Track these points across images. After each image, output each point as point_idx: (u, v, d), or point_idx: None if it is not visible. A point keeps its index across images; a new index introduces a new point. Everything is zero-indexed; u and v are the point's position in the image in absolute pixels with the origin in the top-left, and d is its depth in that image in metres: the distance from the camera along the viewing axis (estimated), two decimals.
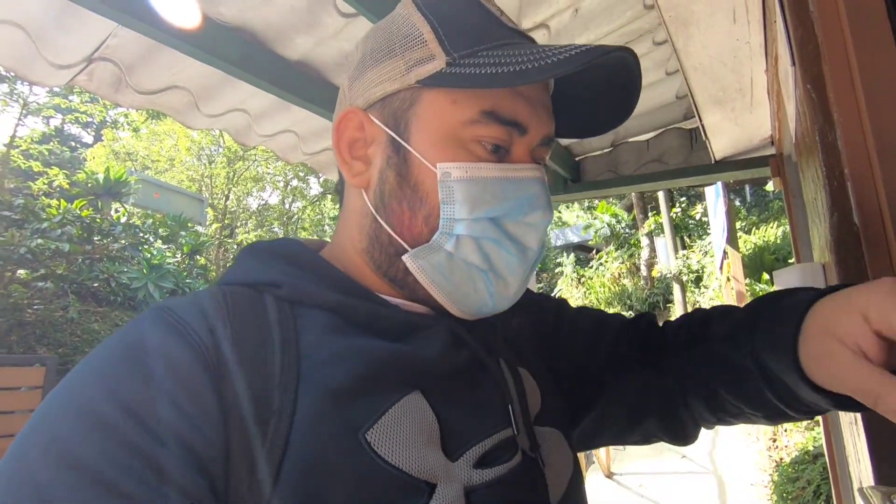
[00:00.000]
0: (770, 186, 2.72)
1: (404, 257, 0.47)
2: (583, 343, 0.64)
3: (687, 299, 9.99)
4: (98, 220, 9.62)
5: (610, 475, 4.75)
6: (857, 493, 0.40)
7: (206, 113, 1.67)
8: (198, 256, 12.88)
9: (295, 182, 20.73)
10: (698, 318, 0.62)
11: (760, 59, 1.54)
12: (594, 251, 13.42)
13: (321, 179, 19.34)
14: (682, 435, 0.62)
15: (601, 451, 4.73)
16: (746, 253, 8.51)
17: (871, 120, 0.61)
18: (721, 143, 2.34)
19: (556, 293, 12.87)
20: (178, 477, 0.33)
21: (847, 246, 0.67)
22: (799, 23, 0.76)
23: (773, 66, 1.46)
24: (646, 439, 0.65)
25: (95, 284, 9.10)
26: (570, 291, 12.62)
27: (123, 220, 10.39)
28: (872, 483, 0.62)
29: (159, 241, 11.51)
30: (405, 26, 0.47)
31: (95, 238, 9.47)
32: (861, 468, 0.80)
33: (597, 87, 0.51)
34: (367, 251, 0.50)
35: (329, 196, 21.14)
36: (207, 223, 17.41)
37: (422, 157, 0.45)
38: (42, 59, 1.27)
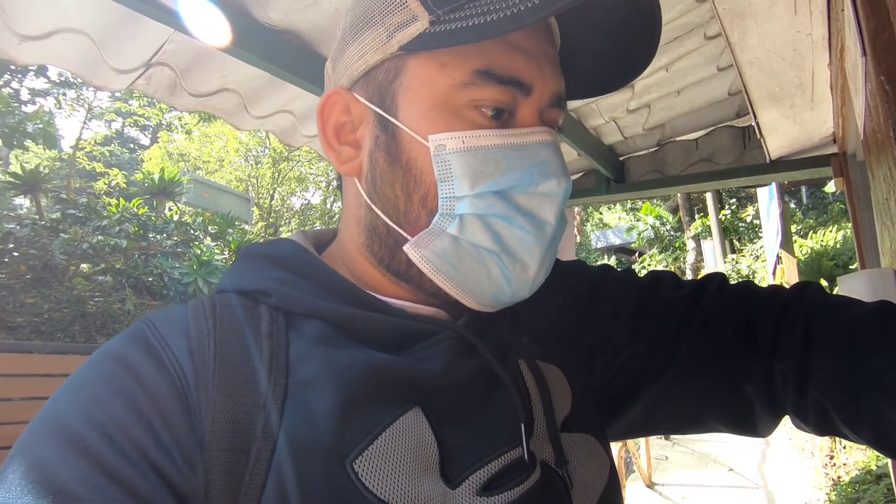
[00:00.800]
0: (830, 187, 2.57)
1: (405, 248, 0.41)
2: (628, 315, 0.54)
3: None
4: (153, 218, 10.15)
5: (651, 485, 4.60)
6: None
7: (254, 114, 1.73)
8: None
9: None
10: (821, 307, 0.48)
11: (823, 53, 1.45)
12: (637, 254, 13.05)
13: None
14: (754, 426, 0.51)
15: (642, 460, 4.59)
16: (802, 258, 8.06)
17: None
18: (777, 142, 2.21)
19: None
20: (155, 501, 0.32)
21: None
22: (871, 11, 0.71)
23: (837, 59, 1.37)
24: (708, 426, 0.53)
25: (150, 279, 9.59)
26: None
27: (176, 218, 10.91)
28: None
29: (209, 239, 12.01)
30: None
31: (150, 235, 9.99)
32: None
33: (609, 30, 0.44)
34: (366, 245, 0.45)
35: None
36: (253, 222, 18.04)
37: (411, 132, 0.40)
38: (105, 65, 1.34)
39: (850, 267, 7.41)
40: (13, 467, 0.32)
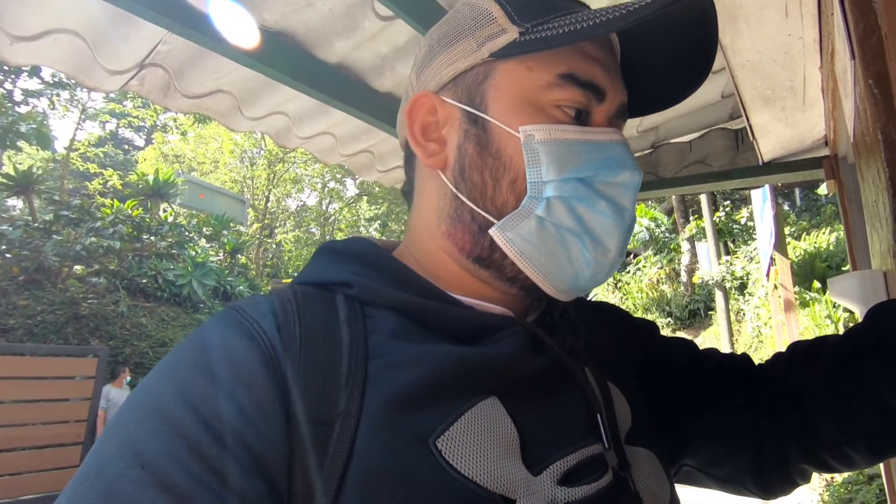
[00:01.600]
0: (823, 189, 2.59)
1: (491, 231, 0.44)
2: (674, 373, 0.59)
3: (730, 307, 9.60)
4: (147, 219, 10.09)
5: None
6: None
7: (249, 116, 1.72)
8: (239, 255, 13.31)
9: (332, 184, 21.16)
10: (800, 353, 0.57)
11: (815, 55, 1.46)
12: (631, 255, 13.09)
13: (357, 181, 19.67)
14: (768, 480, 0.55)
15: None
16: (796, 259, 8.12)
17: None
18: (770, 144, 2.23)
19: (591, 298, 12.62)
20: (239, 481, 0.33)
21: None
22: (860, 15, 0.72)
23: (828, 62, 1.38)
24: (727, 482, 0.58)
25: (144, 280, 9.54)
26: (606, 297, 12.35)
27: (170, 219, 10.87)
28: None
29: (203, 240, 11.97)
30: (472, 10, 0.47)
31: (144, 236, 9.93)
32: None
33: (668, 49, 0.48)
34: (448, 234, 0.48)
35: (365, 198, 21.49)
36: (248, 223, 17.98)
37: (502, 124, 0.44)
38: (98, 66, 1.33)
39: (843, 268, 7.47)
40: (110, 439, 0.35)
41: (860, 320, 0.55)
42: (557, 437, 0.42)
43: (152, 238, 10.00)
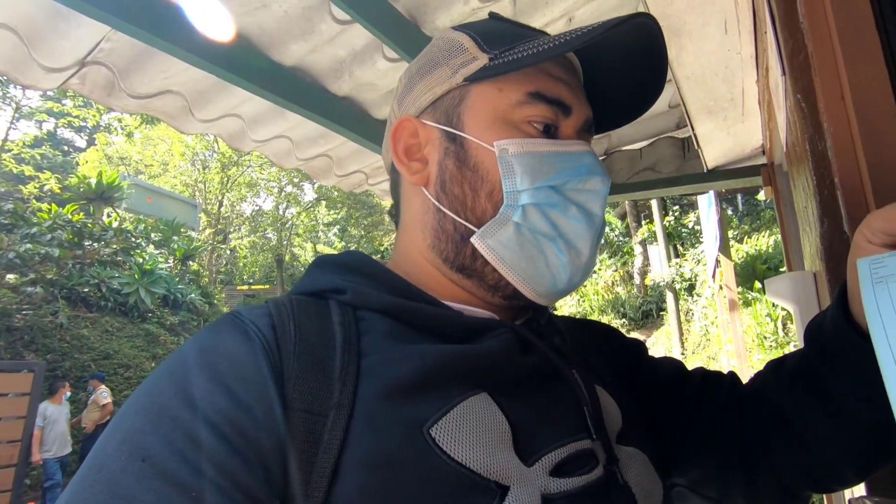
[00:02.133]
0: (762, 195, 2.75)
1: (472, 239, 0.47)
2: (662, 391, 0.60)
3: (680, 307, 10.02)
4: (90, 224, 9.54)
5: None
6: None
7: (200, 118, 1.67)
8: (190, 262, 12.79)
9: (289, 188, 20.69)
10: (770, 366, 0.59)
11: (751, 70, 1.56)
12: None
13: (315, 185, 19.32)
14: (760, 502, 0.56)
15: None
16: (738, 261, 8.57)
17: (860, 129, 0.62)
18: (713, 153, 2.36)
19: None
20: (237, 470, 0.35)
21: (837, 254, 0.67)
22: (789, 34, 0.77)
23: (763, 77, 1.48)
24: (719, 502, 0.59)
25: (86, 289, 9.00)
26: (564, 299, 12.63)
27: (115, 224, 10.31)
28: (864, 493, 0.62)
29: (151, 246, 11.43)
30: (445, 43, 0.52)
31: (86, 243, 9.38)
32: None
33: (624, 71, 0.53)
34: (433, 247, 0.50)
35: (324, 202, 21.15)
36: (200, 228, 17.32)
37: (478, 140, 0.48)
38: (34, 63, 1.26)
39: (780, 270, 7.95)
40: (110, 437, 0.36)
41: (794, 317, 0.58)
42: (548, 431, 0.43)
43: (95, 244, 9.45)
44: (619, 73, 0.54)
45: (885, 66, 0.62)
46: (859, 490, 0.67)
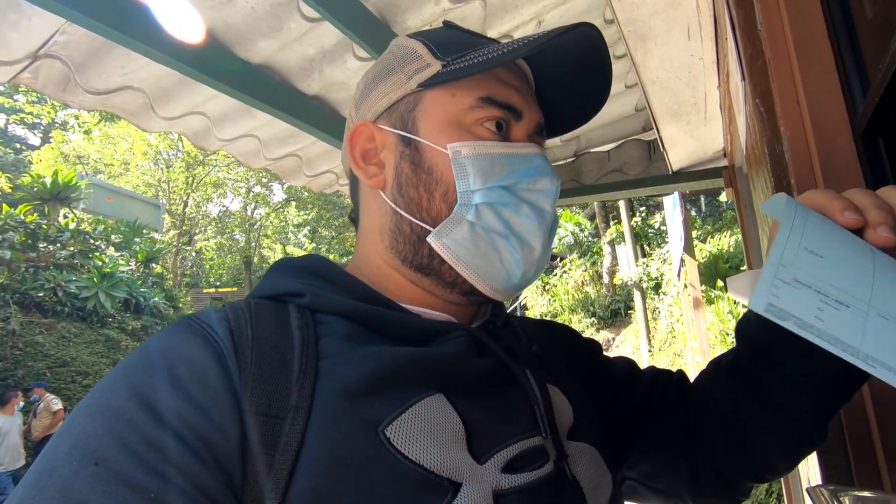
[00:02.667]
0: (723, 197, 2.85)
1: (428, 238, 0.48)
2: (615, 390, 0.63)
3: (647, 306, 10.28)
4: (44, 226, 9.12)
5: None
6: (805, 493, 0.41)
7: (163, 115, 1.61)
8: (154, 264, 12.37)
9: (258, 188, 20.26)
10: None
11: (713, 75, 1.61)
12: (558, 259, 13.67)
13: (285, 186, 18.99)
14: (704, 493, 0.59)
15: None
16: (702, 261, 8.85)
17: (814, 133, 0.65)
18: (678, 155, 2.43)
19: (521, 301, 13.00)
20: (195, 471, 0.35)
21: None
22: (748, 41, 0.80)
23: (724, 82, 1.53)
24: (666, 495, 0.62)
25: (40, 294, 8.59)
26: (535, 299, 12.79)
27: (73, 226, 9.88)
28: (820, 482, 0.65)
29: (112, 249, 11.00)
30: (400, 50, 0.54)
31: (41, 245, 8.96)
32: (809, 467, 0.84)
33: (570, 77, 0.56)
34: (391, 248, 0.52)
35: (293, 203, 20.79)
36: (164, 230, 16.78)
37: (432, 144, 0.49)
38: None
39: (741, 268, 8.26)
40: (61, 441, 0.35)
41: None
42: (501, 430, 0.45)
43: (50, 247, 9.04)
44: (567, 81, 0.56)
45: (836, 74, 0.65)
46: (816, 479, 0.70)
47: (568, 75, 0.55)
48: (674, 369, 0.67)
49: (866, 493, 0.41)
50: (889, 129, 0.58)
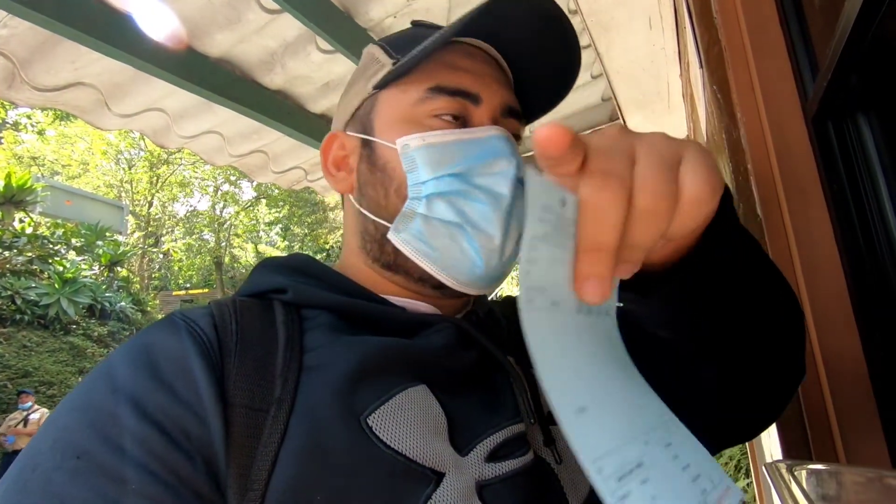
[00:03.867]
0: None
1: (388, 235, 0.48)
2: None
3: None
4: None
5: None
6: (763, 470, 0.42)
7: (118, 112, 1.55)
8: (118, 268, 11.96)
9: (226, 187, 19.79)
10: None
11: (675, 65, 1.64)
12: None
13: (254, 184, 18.56)
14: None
15: None
16: None
17: (768, 118, 0.66)
18: None
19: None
20: (178, 463, 0.35)
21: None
22: (705, 28, 0.82)
23: (685, 71, 1.56)
24: None
25: None
26: (513, 291, 12.91)
27: (29, 230, 9.46)
28: (781, 457, 0.67)
29: (73, 253, 10.59)
30: (364, 58, 0.56)
31: None
32: (771, 442, 0.87)
33: (535, 48, 0.54)
34: (362, 248, 0.52)
35: (264, 201, 20.37)
36: (129, 232, 16.23)
37: (383, 141, 0.50)
38: None
39: None
40: (43, 438, 0.36)
41: None
42: (485, 421, 0.44)
43: (6, 253, 8.64)
44: (533, 54, 0.55)
45: (788, 59, 0.66)
46: (777, 454, 0.73)
47: (532, 48, 0.54)
48: None
49: (820, 466, 0.42)
50: (838, 113, 0.59)
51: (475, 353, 0.48)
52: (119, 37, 1.21)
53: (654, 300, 0.37)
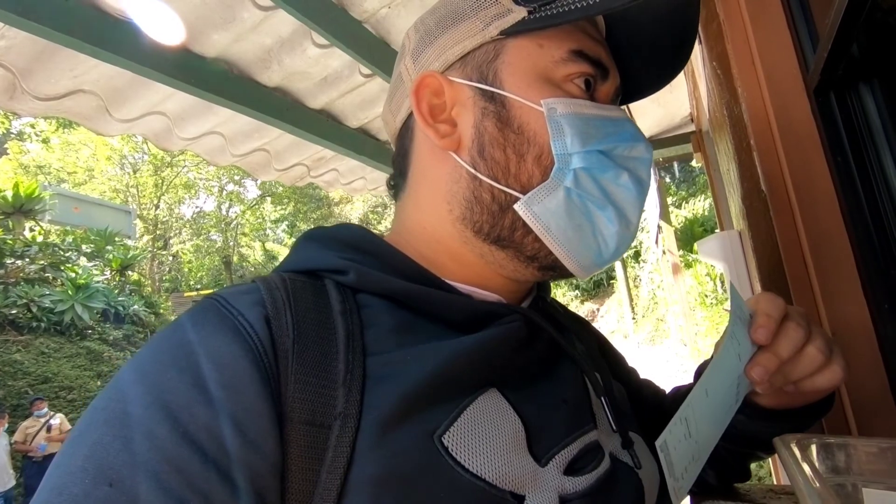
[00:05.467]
0: (695, 162, 2.90)
1: (516, 206, 0.43)
2: (643, 406, 0.60)
3: (628, 274, 10.46)
4: (9, 241, 8.82)
5: None
6: (776, 442, 0.43)
7: (119, 118, 1.56)
8: (129, 271, 12.09)
9: (231, 186, 19.84)
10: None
11: None
12: None
13: (258, 182, 18.60)
14: None
15: None
16: (678, 226, 9.01)
17: (770, 92, 0.65)
18: (647, 123, 2.44)
19: None
20: (221, 498, 0.30)
21: (757, 212, 0.71)
22: (704, 3, 0.80)
23: None
24: None
25: (13, 311, 8.35)
26: None
27: (40, 239, 9.57)
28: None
29: (84, 259, 10.71)
30: None
31: (8, 261, 8.68)
32: None
33: (651, 35, 0.50)
34: (463, 218, 0.46)
35: (269, 199, 20.43)
36: (137, 235, 16.37)
37: (522, 99, 0.43)
38: None
39: (715, 231, 8.42)
40: (75, 450, 0.31)
41: (724, 274, 0.61)
42: (560, 424, 0.42)
43: (18, 262, 8.76)
44: (646, 42, 0.50)
45: (788, 31, 0.65)
46: None
47: (647, 35, 0.49)
48: (658, 334, 0.66)
49: (830, 439, 0.43)
50: (839, 84, 0.59)
51: (543, 346, 0.46)
52: (115, 42, 1.21)
53: (780, 423, 0.49)
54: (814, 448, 0.42)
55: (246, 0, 1.33)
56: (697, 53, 0.92)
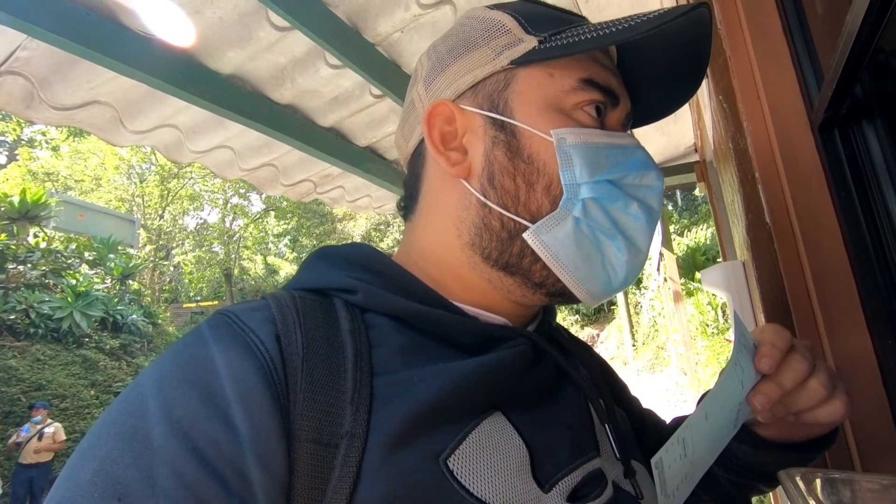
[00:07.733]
0: (698, 191, 2.92)
1: (525, 235, 0.43)
2: (644, 432, 0.60)
3: (629, 301, 10.42)
4: (13, 246, 8.86)
5: None
6: (780, 475, 0.43)
7: (132, 129, 1.58)
8: (130, 281, 12.10)
9: (235, 199, 19.98)
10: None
11: None
12: None
13: (263, 196, 18.73)
14: None
15: None
16: (680, 254, 9.01)
17: (775, 127, 0.67)
18: (651, 151, 2.43)
19: None
20: None
21: (761, 243, 0.72)
22: None
23: None
24: None
25: (12, 316, 8.33)
26: None
27: (43, 245, 9.61)
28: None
29: (85, 266, 10.72)
30: (482, 23, 0.48)
31: (10, 266, 8.70)
32: None
33: (663, 62, 0.50)
34: (472, 244, 0.46)
35: (272, 213, 20.53)
36: (140, 245, 16.43)
37: (532, 129, 0.44)
38: None
39: (717, 260, 8.42)
40: (84, 463, 0.31)
41: (728, 304, 0.61)
42: (564, 449, 0.42)
43: (20, 267, 8.78)
44: (657, 68, 0.50)
45: (792, 68, 0.67)
46: None
47: (659, 62, 0.50)
48: (658, 362, 0.66)
49: (835, 474, 0.42)
50: (843, 121, 0.60)
51: (548, 369, 0.46)
52: (134, 56, 1.24)
53: (781, 455, 0.50)
54: (818, 482, 0.41)
55: (263, 20, 1.37)
56: (703, 85, 0.94)
